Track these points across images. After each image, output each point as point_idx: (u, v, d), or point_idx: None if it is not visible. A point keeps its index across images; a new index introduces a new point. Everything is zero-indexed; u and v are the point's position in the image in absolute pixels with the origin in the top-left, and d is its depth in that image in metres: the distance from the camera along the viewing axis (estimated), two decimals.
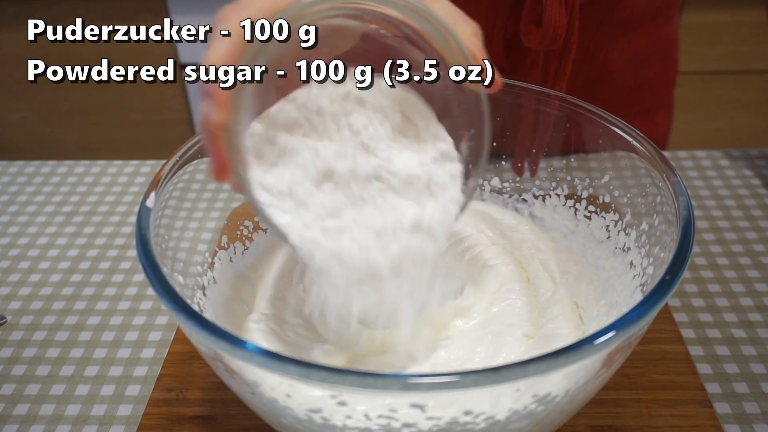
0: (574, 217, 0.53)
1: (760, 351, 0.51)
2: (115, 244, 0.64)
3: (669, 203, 0.42)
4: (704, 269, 0.59)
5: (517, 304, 0.47)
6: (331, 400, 0.34)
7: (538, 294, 0.48)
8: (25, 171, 0.75)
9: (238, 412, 0.47)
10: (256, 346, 0.31)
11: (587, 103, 0.49)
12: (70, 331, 0.55)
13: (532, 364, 0.30)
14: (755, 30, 1.49)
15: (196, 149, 0.47)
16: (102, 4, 1.52)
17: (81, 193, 0.71)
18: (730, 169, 0.71)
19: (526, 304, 0.47)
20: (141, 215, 0.40)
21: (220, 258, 0.50)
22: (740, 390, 0.49)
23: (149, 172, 0.75)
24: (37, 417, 0.48)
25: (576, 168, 0.53)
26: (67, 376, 0.52)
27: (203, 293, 0.46)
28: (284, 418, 0.37)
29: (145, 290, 0.59)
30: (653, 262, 0.43)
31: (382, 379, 0.30)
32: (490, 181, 0.57)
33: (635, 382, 0.48)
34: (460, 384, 0.30)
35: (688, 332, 0.53)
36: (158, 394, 0.49)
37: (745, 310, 0.55)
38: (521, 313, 0.46)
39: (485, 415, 0.34)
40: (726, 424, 0.46)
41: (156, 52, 1.57)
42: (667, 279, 0.35)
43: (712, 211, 0.66)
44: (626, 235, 0.48)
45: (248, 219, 0.53)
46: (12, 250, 0.64)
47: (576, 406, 0.38)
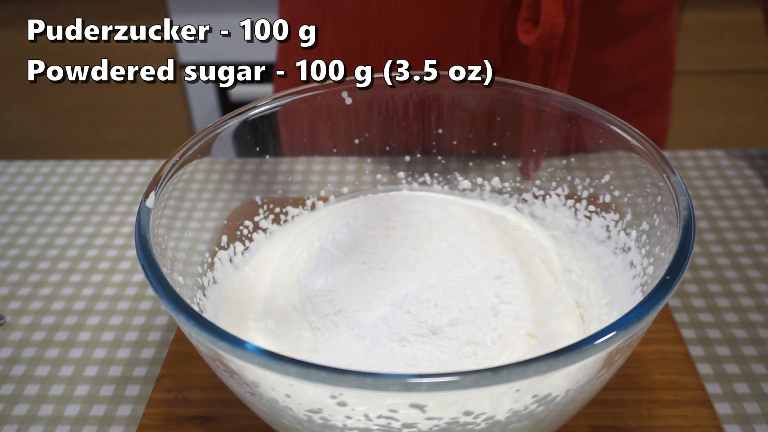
0: (575, 217, 0.53)
1: (760, 351, 0.51)
2: (114, 245, 0.64)
3: (669, 203, 0.42)
4: (705, 269, 0.59)
5: (521, 302, 0.47)
6: (331, 400, 0.34)
7: (540, 292, 0.48)
8: (24, 171, 0.75)
9: (238, 412, 0.47)
10: (256, 346, 0.31)
11: (587, 103, 0.49)
12: (69, 332, 0.55)
13: (532, 365, 0.30)
14: (755, 30, 1.49)
15: (196, 149, 0.47)
16: (102, 4, 1.52)
17: (80, 193, 0.71)
18: (730, 168, 0.71)
19: (529, 302, 0.47)
20: (141, 215, 0.40)
21: (219, 258, 0.50)
22: (741, 390, 0.49)
23: (149, 172, 0.75)
24: (36, 417, 0.48)
25: (576, 168, 0.53)
26: (66, 376, 0.51)
27: (203, 293, 0.46)
28: (284, 418, 0.37)
29: (145, 290, 0.59)
30: (654, 262, 0.43)
31: (382, 379, 0.30)
32: (490, 180, 0.57)
33: (636, 382, 0.48)
34: (460, 384, 0.30)
35: (689, 332, 0.53)
36: (158, 394, 0.49)
37: (746, 310, 0.55)
38: (524, 311, 0.46)
39: (485, 415, 0.34)
40: (727, 425, 0.46)
41: (156, 52, 1.58)
42: (667, 279, 0.35)
43: (713, 211, 0.66)
44: (626, 235, 0.48)
45: (248, 219, 0.53)
46: (12, 250, 0.64)
47: (576, 406, 0.38)
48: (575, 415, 0.40)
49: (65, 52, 1.58)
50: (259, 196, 0.55)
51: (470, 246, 0.51)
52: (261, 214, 0.54)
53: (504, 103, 0.53)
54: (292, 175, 0.59)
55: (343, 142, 0.57)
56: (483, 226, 0.54)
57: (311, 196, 0.57)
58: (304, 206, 0.57)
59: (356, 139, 0.57)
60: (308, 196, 0.57)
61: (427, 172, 0.59)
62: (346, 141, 0.57)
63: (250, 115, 0.50)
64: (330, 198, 0.58)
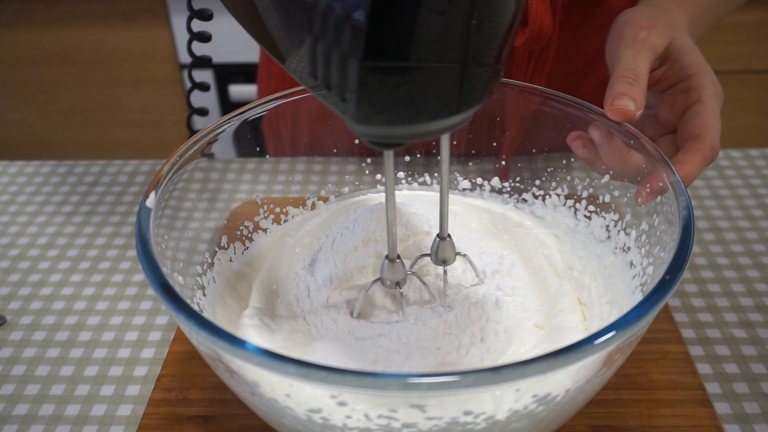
0: (575, 216, 0.53)
1: (760, 351, 0.51)
2: (115, 244, 0.64)
3: (669, 203, 0.42)
4: (704, 269, 0.59)
5: (526, 293, 0.47)
6: (331, 400, 0.34)
7: (546, 285, 0.48)
8: (25, 171, 0.75)
9: (238, 412, 0.47)
10: (256, 346, 0.31)
11: (587, 103, 0.49)
12: (69, 331, 0.55)
13: (532, 364, 0.30)
14: (755, 30, 1.49)
15: (196, 149, 0.47)
16: (102, 4, 1.52)
17: (81, 193, 0.71)
18: (730, 168, 0.71)
19: (534, 294, 0.47)
20: (141, 215, 0.40)
21: (219, 258, 0.50)
22: (740, 390, 0.49)
23: (149, 172, 0.75)
24: (36, 417, 0.48)
25: (576, 168, 0.53)
26: (66, 376, 0.52)
27: (203, 293, 0.46)
28: (284, 418, 0.37)
29: (145, 290, 0.59)
30: (653, 262, 0.43)
31: (382, 379, 0.30)
32: (490, 180, 0.57)
33: (635, 382, 0.48)
34: (460, 384, 0.30)
35: (689, 332, 0.53)
36: (158, 394, 0.49)
37: (745, 310, 0.55)
38: (530, 303, 0.46)
39: (485, 415, 0.34)
40: (726, 424, 0.46)
41: (156, 52, 1.58)
42: (667, 279, 0.35)
43: (713, 211, 0.66)
44: (626, 234, 0.48)
45: (248, 219, 0.53)
46: (12, 250, 0.64)
47: (576, 406, 0.38)
48: (575, 414, 0.40)
49: (65, 52, 1.58)
50: (259, 196, 0.55)
51: (471, 243, 0.51)
52: (261, 214, 0.54)
53: (504, 103, 0.54)
54: (292, 175, 0.59)
55: (343, 142, 0.57)
56: (484, 223, 0.54)
57: (311, 196, 0.57)
58: (304, 206, 0.57)
59: (356, 139, 0.57)
60: (308, 196, 0.57)
61: (427, 172, 0.59)
62: (346, 141, 0.57)
63: (250, 115, 0.51)
64: (330, 198, 0.58)
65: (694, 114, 0.47)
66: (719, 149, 0.47)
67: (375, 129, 0.30)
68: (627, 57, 0.47)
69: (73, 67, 1.59)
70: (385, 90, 0.28)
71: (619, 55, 0.48)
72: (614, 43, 0.50)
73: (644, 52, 0.47)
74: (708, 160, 0.45)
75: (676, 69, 0.49)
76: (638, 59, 0.47)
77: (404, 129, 0.30)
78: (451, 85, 0.29)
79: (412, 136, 0.31)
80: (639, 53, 0.47)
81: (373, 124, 0.30)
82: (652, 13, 0.51)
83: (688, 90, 0.48)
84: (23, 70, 1.62)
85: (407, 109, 0.29)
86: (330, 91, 0.29)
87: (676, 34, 0.50)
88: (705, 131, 0.46)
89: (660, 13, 0.52)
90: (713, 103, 0.47)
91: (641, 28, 0.49)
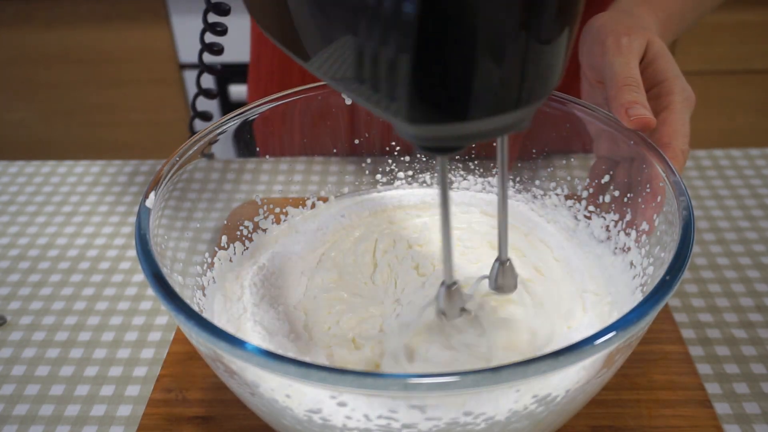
0: (574, 217, 0.53)
1: (760, 351, 0.51)
2: (114, 245, 0.64)
3: (669, 203, 0.42)
4: (704, 269, 0.59)
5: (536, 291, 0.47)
6: (331, 400, 0.34)
7: (548, 280, 0.48)
8: (25, 171, 0.75)
9: (238, 412, 0.47)
10: (256, 347, 0.31)
11: (587, 103, 0.49)
12: (69, 332, 0.55)
13: (532, 365, 0.30)
14: (756, 30, 1.49)
15: (196, 149, 0.47)
16: (102, 4, 1.52)
17: (81, 193, 0.71)
18: (730, 168, 0.71)
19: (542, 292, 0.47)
20: (141, 215, 0.40)
21: (219, 258, 0.50)
22: (740, 390, 0.49)
23: (149, 172, 0.75)
24: (36, 417, 0.48)
25: (576, 168, 0.53)
26: (66, 376, 0.52)
27: (203, 293, 0.46)
28: (284, 418, 0.37)
29: (145, 290, 0.59)
30: (653, 262, 0.43)
31: (382, 379, 0.30)
32: (490, 181, 0.57)
33: (635, 382, 0.48)
34: (460, 384, 0.30)
35: (689, 332, 0.53)
36: (158, 394, 0.49)
37: (746, 310, 0.55)
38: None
39: (485, 415, 0.34)
40: (726, 425, 0.46)
41: (156, 52, 1.58)
42: (667, 279, 0.35)
43: (713, 211, 0.66)
44: (626, 235, 0.48)
45: (248, 219, 0.53)
46: (12, 250, 0.64)
47: (576, 406, 0.38)
48: (575, 415, 0.40)
49: (65, 52, 1.58)
50: (259, 196, 0.55)
51: (471, 240, 0.51)
52: (261, 214, 0.54)
53: None
54: (292, 175, 0.59)
55: (343, 142, 0.57)
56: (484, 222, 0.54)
57: (311, 196, 0.57)
58: (304, 206, 0.57)
59: (356, 139, 0.57)
60: (308, 196, 0.57)
61: (427, 172, 0.59)
62: (346, 141, 0.57)
63: (250, 116, 0.51)
64: (330, 198, 0.58)
65: (662, 122, 0.47)
66: (689, 152, 0.47)
67: (428, 130, 0.27)
68: (620, 65, 0.47)
69: (73, 67, 1.59)
70: (440, 83, 0.25)
71: (610, 63, 0.48)
72: (596, 50, 0.50)
73: (632, 58, 0.48)
74: (679, 166, 0.45)
75: (649, 74, 0.49)
76: (630, 66, 0.47)
77: (460, 128, 0.27)
78: (511, 74, 0.26)
79: (467, 137, 0.27)
80: (629, 60, 0.48)
81: (427, 123, 0.26)
82: (624, 18, 0.51)
83: (658, 96, 0.48)
84: (23, 70, 1.62)
85: (463, 104, 0.26)
86: (377, 92, 0.26)
87: (652, 37, 0.50)
88: (673, 138, 0.46)
89: (633, 18, 0.52)
90: (682, 108, 0.47)
91: (621, 35, 0.49)
